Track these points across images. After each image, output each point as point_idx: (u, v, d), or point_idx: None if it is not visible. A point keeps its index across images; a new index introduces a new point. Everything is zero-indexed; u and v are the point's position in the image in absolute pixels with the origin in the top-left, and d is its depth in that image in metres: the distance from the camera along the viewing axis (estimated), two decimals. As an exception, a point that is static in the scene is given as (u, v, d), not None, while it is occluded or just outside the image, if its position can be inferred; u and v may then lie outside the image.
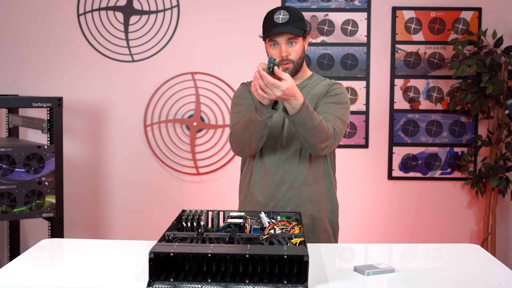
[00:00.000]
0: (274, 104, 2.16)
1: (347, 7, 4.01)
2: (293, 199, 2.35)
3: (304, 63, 2.39)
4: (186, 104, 4.07)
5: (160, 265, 1.64)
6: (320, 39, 4.03)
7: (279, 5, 4.00)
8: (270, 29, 2.26)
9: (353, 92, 4.04)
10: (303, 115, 2.11)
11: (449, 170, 4.08)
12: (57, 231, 3.28)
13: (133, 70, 4.06)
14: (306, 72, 2.43)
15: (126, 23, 4.05)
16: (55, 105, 3.26)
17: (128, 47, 4.06)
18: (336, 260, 2.07)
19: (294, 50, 2.29)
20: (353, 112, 4.03)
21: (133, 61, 4.06)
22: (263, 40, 2.33)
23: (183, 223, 2.02)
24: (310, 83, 2.41)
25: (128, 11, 4.05)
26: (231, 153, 4.06)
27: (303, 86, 2.39)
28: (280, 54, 2.27)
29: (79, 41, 4.05)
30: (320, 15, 4.02)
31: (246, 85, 2.47)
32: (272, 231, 1.96)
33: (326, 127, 2.19)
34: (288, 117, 2.14)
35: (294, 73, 2.32)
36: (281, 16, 2.26)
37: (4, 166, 3.12)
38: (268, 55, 2.32)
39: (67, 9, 4.03)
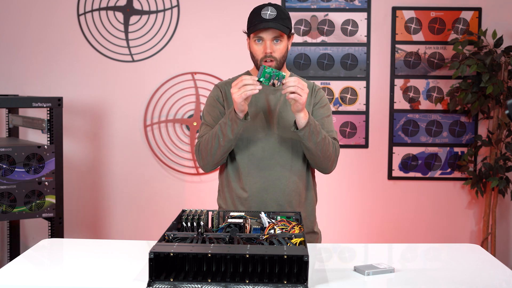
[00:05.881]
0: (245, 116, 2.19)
1: (347, 7, 4.01)
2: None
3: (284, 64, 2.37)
4: (186, 104, 4.07)
5: (160, 265, 1.64)
6: (320, 39, 4.03)
7: (279, 5, 3.99)
8: (257, 24, 2.23)
9: (353, 92, 4.04)
10: (312, 127, 2.16)
11: (449, 170, 4.08)
12: (57, 231, 3.28)
13: (133, 70, 4.06)
14: (286, 72, 2.38)
15: (126, 23, 4.05)
16: (55, 105, 3.26)
17: (128, 47, 4.06)
18: (336, 260, 2.07)
19: (278, 48, 2.26)
20: (353, 112, 4.03)
21: (133, 61, 4.06)
22: (248, 35, 2.30)
23: (183, 223, 2.02)
24: None
25: (128, 11, 4.05)
26: (231, 153, 4.06)
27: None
28: (264, 50, 2.25)
29: (79, 41, 4.05)
30: (320, 15, 4.02)
31: (219, 88, 2.41)
32: (272, 231, 1.96)
33: (332, 145, 2.28)
34: (299, 131, 2.17)
35: None
36: (268, 12, 2.23)
37: (4, 166, 3.12)
38: (250, 52, 2.30)
39: (67, 9, 4.03)
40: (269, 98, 2.34)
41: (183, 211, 2.09)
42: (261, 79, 2.08)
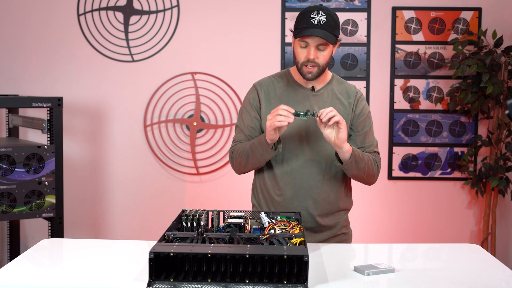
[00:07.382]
0: (277, 143, 2.21)
1: (347, 7, 4.01)
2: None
3: None
4: (186, 104, 4.07)
5: (160, 265, 1.64)
6: (320, 39, 4.02)
7: (279, 6, 4.00)
8: (304, 28, 2.17)
9: (353, 92, 4.04)
10: (356, 158, 2.20)
11: (449, 170, 4.08)
12: (57, 231, 3.28)
13: (133, 70, 4.06)
14: (327, 74, 2.37)
15: (126, 23, 4.05)
16: (55, 105, 3.26)
17: (128, 47, 4.06)
18: (336, 260, 2.07)
19: (322, 54, 2.21)
20: (353, 112, 4.03)
21: (133, 61, 4.06)
22: (294, 37, 2.24)
23: (183, 223, 2.02)
24: (331, 87, 2.36)
25: (128, 11, 4.05)
26: (231, 153, 4.06)
27: (325, 90, 2.35)
28: (307, 56, 2.20)
29: (79, 41, 4.05)
30: (320, 15, 4.01)
31: (256, 88, 2.38)
32: (272, 231, 1.96)
33: (374, 162, 2.33)
34: (345, 165, 2.21)
35: (317, 76, 2.26)
36: (318, 17, 2.17)
37: (4, 166, 3.12)
38: (293, 52, 2.27)
39: (67, 9, 4.03)
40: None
41: (183, 211, 2.09)
42: (299, 112, 2.12)
